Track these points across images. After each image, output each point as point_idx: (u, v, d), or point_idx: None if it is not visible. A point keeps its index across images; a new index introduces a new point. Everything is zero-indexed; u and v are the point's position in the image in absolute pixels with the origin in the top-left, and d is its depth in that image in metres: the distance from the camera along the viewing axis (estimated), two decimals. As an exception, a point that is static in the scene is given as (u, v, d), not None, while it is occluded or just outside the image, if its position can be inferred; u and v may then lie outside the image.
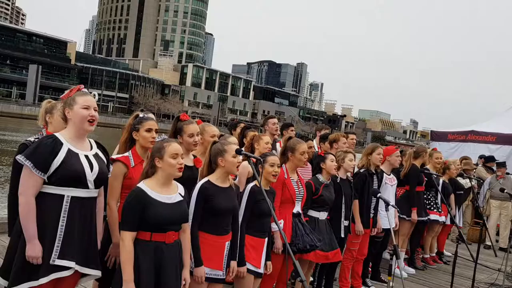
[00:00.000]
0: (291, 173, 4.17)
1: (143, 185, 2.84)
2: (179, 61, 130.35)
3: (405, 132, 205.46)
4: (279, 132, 6.26)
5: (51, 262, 2.63)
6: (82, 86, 2.98)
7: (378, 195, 4.29)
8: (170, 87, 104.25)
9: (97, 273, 2.88)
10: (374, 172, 5.49)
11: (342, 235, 4.86)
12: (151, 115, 3.76)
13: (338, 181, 4.82)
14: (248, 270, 3.51)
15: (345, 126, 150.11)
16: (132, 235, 2.74)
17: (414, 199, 6.39)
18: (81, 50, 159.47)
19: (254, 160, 3.37)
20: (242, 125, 5.55)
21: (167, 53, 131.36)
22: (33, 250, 2.59)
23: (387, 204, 4.20)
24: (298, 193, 4.13)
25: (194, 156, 3.69)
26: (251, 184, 3.65)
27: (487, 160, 10.36)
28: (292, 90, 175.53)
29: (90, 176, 2.76)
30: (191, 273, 3.09)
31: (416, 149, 6.79)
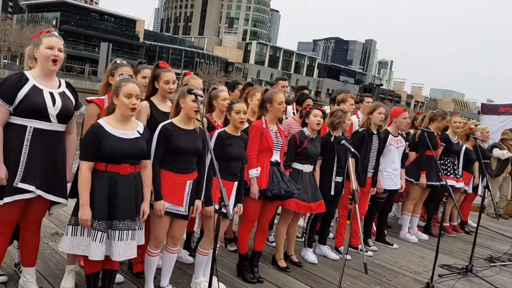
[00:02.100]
0: (270, 123, 4.27)
1: (102, 120, 3.11)
2: (243, 39, 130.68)
3: (479, 113, 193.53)
4: (287, 94, 6.35)
5: (14, 184, 2.95)
6: (52, 29, 3.22)
7: (342, 142, 4.29)
8: (234, 64, 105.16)
9: (63, 201, 3.21)
10: (375, 132, 5.44)
11: (332, 193, 4.91)
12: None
13: (332, 139, 4.83)
14: (216, 210, 3.69)
15: (415, 105, 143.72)
16: (89, 165, 3.03)
17: (423, 163, 6.25)
18: (151, 28, 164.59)
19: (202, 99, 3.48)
20: (240, 86, 5.67)
21: (231, 30, 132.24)
22: None
23: (349, 150, 4.20)
24: (276, 142, 4.23)
25: (173, 103, 3.91)
26: (219, 130, 3.83)
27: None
28: (359, 68, 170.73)
29: (52, 110, 3.03)
30: (152, 206, 3.35)
31: (434, 113, 6.60)
